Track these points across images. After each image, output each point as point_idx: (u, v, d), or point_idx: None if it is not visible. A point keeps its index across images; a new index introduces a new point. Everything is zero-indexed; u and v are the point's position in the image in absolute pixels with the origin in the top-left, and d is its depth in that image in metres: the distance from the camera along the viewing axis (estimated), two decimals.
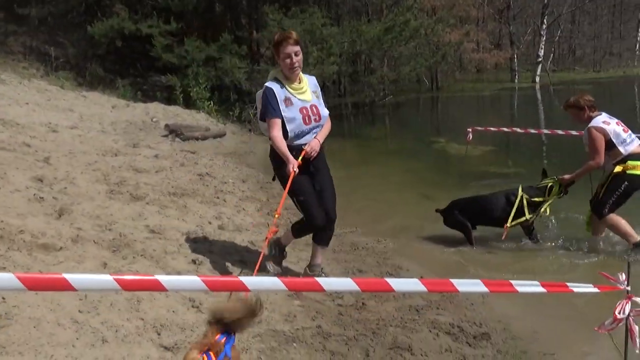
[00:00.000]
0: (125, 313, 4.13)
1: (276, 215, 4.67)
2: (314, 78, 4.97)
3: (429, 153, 12.77)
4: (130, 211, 6.22)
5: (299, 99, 4.73)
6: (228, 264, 5.29)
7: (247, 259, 5.47)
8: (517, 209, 6.52)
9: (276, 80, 4.74)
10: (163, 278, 2.38)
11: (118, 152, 9.25)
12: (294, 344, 4.09)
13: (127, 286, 2.35)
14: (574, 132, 9.99)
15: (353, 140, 15.67)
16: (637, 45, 34.05)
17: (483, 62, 27.77)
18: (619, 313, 2.50)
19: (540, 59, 27.13)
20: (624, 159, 5.91)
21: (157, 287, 2.35)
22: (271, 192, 8.57)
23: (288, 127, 4.72)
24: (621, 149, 5.90)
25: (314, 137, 4.85)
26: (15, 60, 16.53)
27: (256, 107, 5.01)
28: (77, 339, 3.72)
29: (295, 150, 4.74)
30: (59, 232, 5.28)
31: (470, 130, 9.96)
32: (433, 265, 6.13)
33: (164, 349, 3.80)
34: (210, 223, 6.34)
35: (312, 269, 5.17)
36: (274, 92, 4.67)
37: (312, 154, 4.78)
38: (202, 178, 8.37)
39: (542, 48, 27.19)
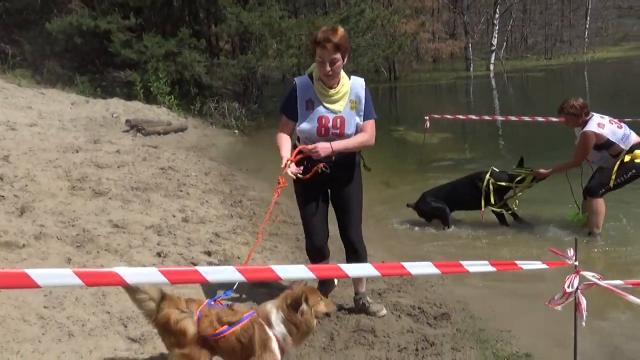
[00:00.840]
0: (91, 307, 4.11)
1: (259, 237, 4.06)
2: (362, 84, 4.06)
3: (389, 142, 12.84)
4: (93, 207, 6.15)
5: (325, 106, 3.97)
6: (193, 256, 5.27)
7: (212, 250, 5.46)
8: (483, 193, 6.55)
9: (310, 76, 4.05)
10: (123, 271, 2.33)
11: (79, 149, 9.08)
12: None
13: (88, 281, 2.30)
14: (526, 118, 10.21)
15: None
16: (586, 33, 34.76)
17: (439, 51, 28.00)
18: (568, 287, 2.58)
19: (493, 48, 27.48)
20: (631, 150, 6.07)
21: (118, 281, 2.30)
22: (234, 184, 8.55)
23: (299, 132, 4.10)
24: (621, 145, 6.07)
25: (328, 143, 3.93)
26: None
27: None
28: (43, 334, 3.69)
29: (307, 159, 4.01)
30: (21, 230, 5.21)
31: (427, 118, 10.06)
32: (394, 249, 6.21)
33: (131, 340, 3.79)
34: (174, 216, 6.29)
35: (356, 299, 4.47)
36: (297, 89, 4.03)
37: (313, 154, 3.90)
38: (164, 172, 8.27)
39: (495, 37, 27.56)
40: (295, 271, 2.90)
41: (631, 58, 31.26)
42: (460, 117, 10.49)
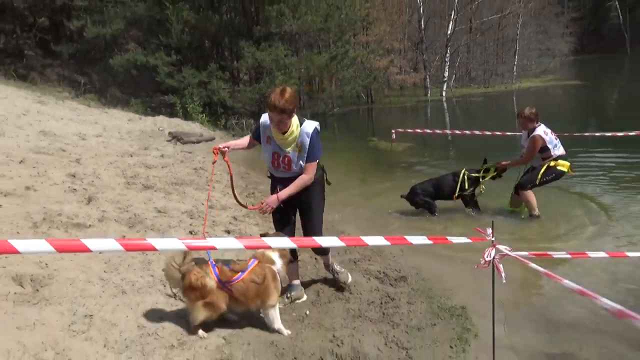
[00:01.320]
0: (139, 271, 4.13)
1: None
2: (311, 131, 3.77)
3: (366, 149, 12.86)
4: (143, 197, 6.15)
5: (277, 144, 3.78)
6: (216, 234, 5.28)
7: (230, 229, 5.47)
8: (460, 183, 6.55)
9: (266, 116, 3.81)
10: (152, 240, 2.35)
11: (133, 154, 9.06)
12: None
13: (126, 247, 2.33)
14: (467, 132, 10.23)
15: None
16: (514, 68, 34.82)
17: (404, 81, 27.92)
18: (487, 257, 2.62)
19: (445, 79, 27.44)
20: (555, 158, 6.16)
21: (148, 247, 2.32)
22: (249, 180, 8.53)
23: (264, 157, 3.98)
24: (553, 151, 6.15)
25: (275, 194, 3.78)
26: (52, 86, 16.03)
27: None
28: (103, 292, 3.71)
29: (273, 177, 4.02)
30: (88, 214, 5.21)
31: (393, 131, 10.06)
32: (367, 229, 6.21)
33: (167, 296, 3.81)
34: (202, 204, 6.28)
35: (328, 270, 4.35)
36: (261, 126, 3.86)
37: (263, 210, 3.82)
38: (196, 171, 8.24)
39: (446, 70, 27.52)
40: (280, 242, 2.93)
41: (548, 87, 31.36)
42: (418, 130, 10.47)
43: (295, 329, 3.62)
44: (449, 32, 27.56)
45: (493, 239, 2.64)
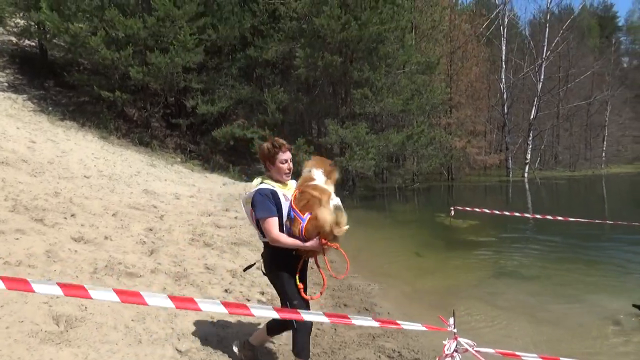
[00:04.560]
0: (163, 323, 4.10)
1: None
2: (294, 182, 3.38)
3: (431, 224, 12.29)
4: (199, 254, 6.25)
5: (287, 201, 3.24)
6: (250, 294, 5.17)
7: (265, 291, 5.33)
8: None
9: (266, 184, 3.26)
10: (145, 294, 2.24)
11: (211, 214, 9.38)
12: (273, 355, 3.91)
13: (123, 299, 2.22)
14: (527, 215, 9.41)
15: (383, 212, 15.36)
16: (603, 154, 32.24)
17: (484, 162, 26.92)
18: (447, 349, 2.25)
19: (527, 161, 26.11)
20: None
21: (141, 301, 2.20)
22: None
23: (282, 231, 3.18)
24: None
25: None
26: (167, 152, 17.49)
27: (253, 204, 3.23)
28: (122, 339, 3.70)
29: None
30: (144, 265, 5.37)
31: (452, 208, 9.55)
32: (401, 306, 5.75)
33: (177, 351, 3.72)
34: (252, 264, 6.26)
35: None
36: (272, 192, 3.20)
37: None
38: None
39: (529, 153, 26.22)
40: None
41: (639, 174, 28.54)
42: (477, 209, 9.83)
43: None
44: (532, 116, 26.48)
45: (455, 330, 2.27)
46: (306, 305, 3.18)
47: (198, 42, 16.37)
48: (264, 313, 2.43)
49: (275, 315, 2.41)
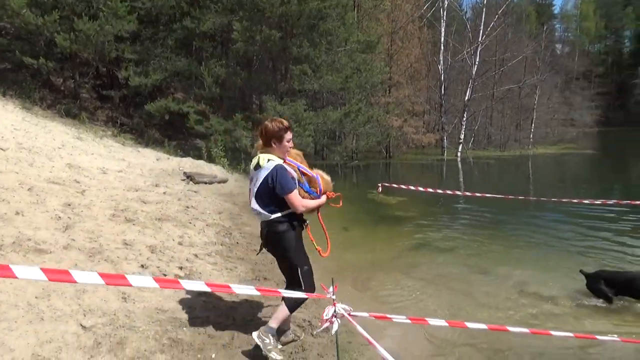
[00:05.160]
0: (69, 300, 4.00)
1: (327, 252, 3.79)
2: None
3: (363, 200, 12.58)
4: (118, 230, 6.09)
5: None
6: (167, 269, 5.13)
7: (184, 266, 5.31)
8: None
9: (276, 160, 3.50)
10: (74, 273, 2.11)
11: (139, 189, 9.10)
12: (184, 328, 3.94)
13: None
14: (458, 193, 9.86)
15: None
16: (531, 135, 34.13)
17: (420, 141, 27.75)
18: (325, 315, 2.37)
19: (460, 140, 27.20)
20: None
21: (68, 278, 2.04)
22: (236, 221, 8.38)
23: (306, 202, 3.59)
24: None
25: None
26: (98, 125, 16.66)
27: (274, 181, 3.40)
28: (22, 316, 3.59)
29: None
30: (57, 241, 5.17)
31: (379, 185, 9.79)
32: (321, 279, 5.89)
33: (82, 327, 3.65)
34: (173, 240, 6.16)
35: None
36: (289, 172, 3.50)
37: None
38: (187, 209, 8.13)
39: (462, 133, 27.30)
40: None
41: (562, 154, 30.52)
42: (403, 186, 10.12)
43: None
44: (466, 98, 27.51)
45: (334, 297, 2.40)
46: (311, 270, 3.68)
47: (131, 10, 15.55)
48: (197, 287, 2.44)
49: (206, 288, 2.43)
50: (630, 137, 48.58)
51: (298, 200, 3.44)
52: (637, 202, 8.30)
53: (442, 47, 27.67)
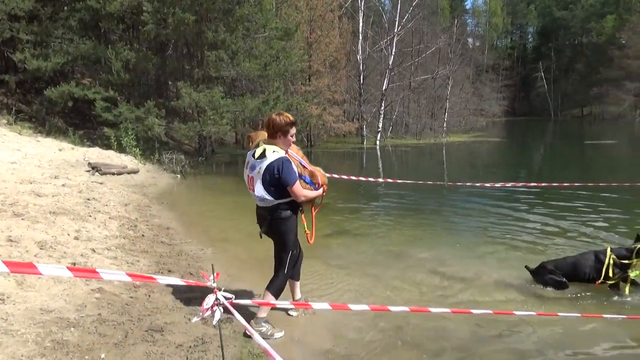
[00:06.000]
0: None
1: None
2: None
3: None
4: (2, 225, 5.52)
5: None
6: (59, 266, 4.71)
7: (78, 262, 4.91)
8: (605, 268, 4.94)
9: (280, 152, 3.70)
10: None
11: (34, 181, 8.34)
12: (72, 329, 3.62)
13: None
14: (371, 179, 10.04)
15: (239, 178, 15.14)
16: (444, 124, 35.85)
17: (339, 129, 28.15)
18: (206, 304, 2.27)
19: (379, 129, 27.95)
20: None
21: None
22: (144, 213, 7.95)
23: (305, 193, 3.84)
24: None
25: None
26: None
27: (279, 171, 3.61)
28: None
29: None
30: None
31: None
32: (231, 268, 5.71)
33: None
34: (68, 235, 5.68)
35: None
36: (293, 165, 3.73)
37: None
38: (87, 201, 7.57)
39: (380, 122, 28.06)
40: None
41: (473, 142, 32.41)
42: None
43: None
44: (383, 87, 28.28)
45: (214, 284, 2.30)
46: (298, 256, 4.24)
47: None
48: (117, 277, 2.21)
49: (127, 278, 2.20)
50: (532, 126, 52.77)
51: (300, 190, 3.73)
52: (543, 185, 9.17)
53: (361, 37, 28.17)
